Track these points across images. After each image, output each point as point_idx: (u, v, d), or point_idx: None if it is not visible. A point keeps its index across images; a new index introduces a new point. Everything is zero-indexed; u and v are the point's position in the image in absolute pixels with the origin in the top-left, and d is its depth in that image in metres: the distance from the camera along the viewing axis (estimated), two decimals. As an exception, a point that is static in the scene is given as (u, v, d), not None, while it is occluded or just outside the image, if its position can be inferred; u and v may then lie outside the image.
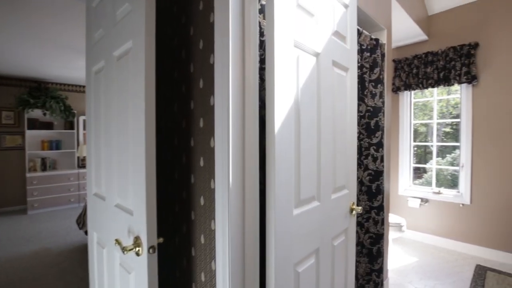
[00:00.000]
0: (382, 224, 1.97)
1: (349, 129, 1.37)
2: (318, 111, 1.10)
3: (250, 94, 0.86)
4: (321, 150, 1.11)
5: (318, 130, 1.10)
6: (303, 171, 1.00)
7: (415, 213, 3.31)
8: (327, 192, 1.16)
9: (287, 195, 0.91)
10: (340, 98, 1.28)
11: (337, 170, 1.25)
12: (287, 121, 0.90)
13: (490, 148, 2.80)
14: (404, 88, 3.33)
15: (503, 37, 2.70)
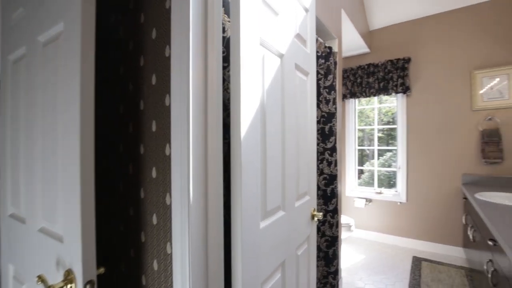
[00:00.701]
0: (337, 226, 2.03)
1: (309, 134, 1.35)
2: (283, 116, 1.05)
3: (214, 94, 0.76)
4: (285, 156, 1.06)
5: (283, 136, 1.05)
6: (270, 179, 0.93)
7: (361, 213, 3.55)
8: (292, 200, 1.11)
9: (254, 207, 0.83)
10: (302, 103, 1.25)
11: (300, 176, 1.22)
12: (253, 125, 0.82)
13: (422, 151, 3.16)
14: (350, 96, 3.57)
15: (429, 53, 3.09)
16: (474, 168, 2.87)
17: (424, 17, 3.12)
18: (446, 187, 3.01)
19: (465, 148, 2.91)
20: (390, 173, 3.81)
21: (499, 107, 2.76)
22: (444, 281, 2.36)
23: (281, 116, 1.03)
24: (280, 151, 1.03)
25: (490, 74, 2.79)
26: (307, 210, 1.29)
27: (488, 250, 1.68)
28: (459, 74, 2.94)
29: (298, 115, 1.20)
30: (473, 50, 2.87)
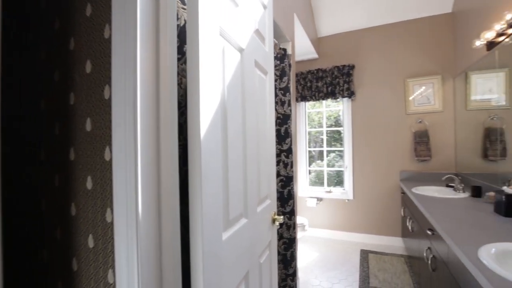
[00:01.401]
0: (294, 228, 2.02)
1: (269, 135, 1.30)
2: (243, 115, 0.97)
3: (167, 85, 0.64)
4: (247, 159, 0.98)
5: (244, 137, 0.97)
6: (232, 185, 0.84)
7: (313, 212, 3.68)
8: (254, 206, 1.04)
9: (216, 217, 0.72)
10: (261, 103, 1.19)
11: (261, 179, 1.15)
12: (214, 125, 0.73)
13: (365, 151, 3.42)
14: (301, 99, 3.68)
15: (370, 61, 3.38)
16: (409, 165, 3.21)
17: (366, 28, 3.39)
18: (387, 184, 3.31)
19: (401, 147, 3.24)
20: (333, 173, 4.04)
21: (427, 111, 3.14)
22: (388, 270, 2.56)
23: (242, 116, 0.95)
24: (242, 153, 0.94)
25: (419, 82, 3.17)
26: (268, 215, 1.23)
27: (427, 239, 1.85)
28: (395, 81, 3.27)
29: (258, 115, 1.13)
30: (406, 60, 3.22)
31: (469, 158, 2.73)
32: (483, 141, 2.48)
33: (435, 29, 3.10)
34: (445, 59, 3.06)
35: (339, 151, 3.89)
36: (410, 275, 2.45)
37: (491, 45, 2.11)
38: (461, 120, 2.92)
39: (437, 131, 3.09)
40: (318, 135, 4.15)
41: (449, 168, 3.03)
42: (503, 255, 1.09)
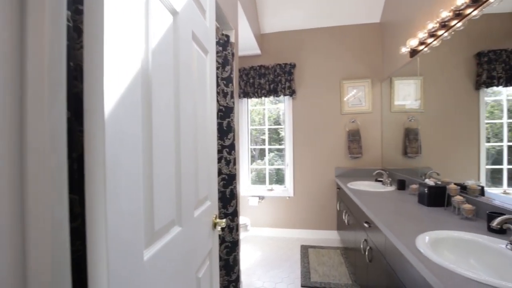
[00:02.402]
0: (237, 230, 1.88)
1: (210, 127, 1.12)
2: (177, 97, 0.77)
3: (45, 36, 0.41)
4: (181, 153, 0.78)
5: (178, 125, 0.77)
6: (159, 186, 0.64)
7: (255, 211, 3.61)
8: (190, 210, 0.85)
9: (133, 230, 0.52)
10: (201, 87, 1.01)
11: (200, 177, 0.97)
12: (129, 104, 0.52)
13: (305, 149, 3.50)
14: (243, 95, 3.57)
15: (310, 61, 3.47)
16: (343, 162, 3.41)
17: (307, 29, 3.48)
18: (324, 180, 3.45)
19: (337, 145, 3.42)
20: (273, 171, 4.08)
21: (359, 112, 3.38)
22: (327, 263, 2.64)
23: (174, 97, 0.75)
24: (174, 145, 0.74)
25: (353, 84, 3.39)
26: (208, 218, 1.05)
27: (363, 231, 1.93)
28: (332, 82, 3.43)
29: (197, 101, 0.94)
30: (342, 63, 3.41)
31: (393, 155, 3.03)
32: (404, 140, 2.77)
33: (366, 36, 3.37)
34: (374, 65, 3.35)
35: (279, 149, 3.92)
36: (346, 266, 2.57)
37: (414, 53, 2.35)
38: (386, 121, 3.23)
39: (368, 130, 3.36)
40: (259, 135, 4.13)
41: (377, 164, 3.33)
42: (435, 243, 1.14)
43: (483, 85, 1.73)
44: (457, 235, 1.18)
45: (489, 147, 1.71)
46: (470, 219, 1.43)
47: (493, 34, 1.62)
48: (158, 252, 0.62)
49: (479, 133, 1.78)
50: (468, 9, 1.63)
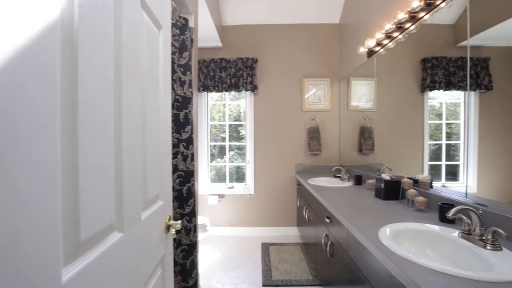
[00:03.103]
0: (195, 231, 1.73)
1: (163, 115, 0.97)
2: (118, 74, 0.62)
3: None
4: (122, 142, 0.63)
5: (118, 107, 0.62)
6: (87, 180, 0.49)
7: (214, 210, 3.46)
8: (135, 211, 0.70)
9: (42, 242, 0.37)
10: (152, 67, 0.85)
11: (150, 173, 0.82)
12: (42, 61, 0.37)
13: (266, 146, 3.46)
14: (203, 89, 3.39)
15: (272, 57, 3.44)
16: (303, 159, 3.44)
17: (270, 25, 3.43)
18: (285, 177, 3.45)
19: (298, 142, 3.45)
20: (232, 170, 3.99)
21: (318, 110, 3.45)
22: (287, 260, 2.63)
23: (115, 75, 0.60)
24: (113, 134, 0.59)
25: (313, 83, 3.45)
26: (160, 221, 0.91)
27: (324, 226, 1.93)
28: (293, 80, 3.44)
29: (145, 84, 0.79)
30: (303, 61, 3.44)
31: (349, 152, 3.15)
32: (359, 138, 2.89)
33: (326, 36, 3.45)
34: (333, 65, 3.45)
35: (240, 148, 3.83)
36: (306, 262, 2.58)
37: (371, 53, 2.44)
38: (344, 119, 3.35)
39: (326, 128, 3.44)
40: (218, 134, 3.99)
41: (335, 161, 3.43)
42: (396, 235, 1.15)
43: (427, 89, 1.86)
44: (415, 227, 1.21)
45: (431, 145, 1.86)
46: (423, 210, 1.50)
47: (435, 43, 1.75)
48: (87, 267, 0.47)
49: (423, 132, 1.90)
50: (421, 12, 1.72)
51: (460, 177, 1.64)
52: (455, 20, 1.57)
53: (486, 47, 1.36)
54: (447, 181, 1.69)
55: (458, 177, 1.64)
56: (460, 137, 1.63)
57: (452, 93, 1.70)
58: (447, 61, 1.68)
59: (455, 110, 1.72)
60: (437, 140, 1.85)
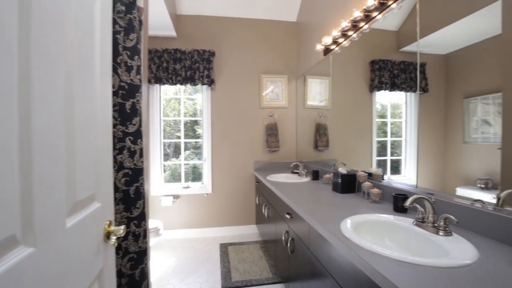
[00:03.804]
0: (145, 236, 1.54)
1: (101, 102, 0.80)
2: (25, 41, 0.45)
3: None
4: (32, 131, 0.47)
5: (25, 86, 0.45)
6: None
7: (169, 212, 3.23)
8: (55, 217, 0.53)
9: None
10: (84, 39, 0.68)
11: (80, 169, 0.65)
12: None
13: (224, 143, 3.34)
14: (154, 81, 3.12)
15: (230, 51, 3.32)
16: (262, 156, 3.41)
17: (228, 18, 3.31)
18: (243, 174, 3.37)
19: (256, 139, 3.40)
20: (188, 170, 3.80)
21: (276, 107, 3.44)
22: (247, 259, 2.55)
23: (17, 41, 0.44)
24: (17, 124, 0.43)
25: (271, 79, 3.43)
26: (96, 227, 0.74)
27: (285, 223, 1.90)
28: (251, 75, 3.38)
29: (72, 61, 0.62)
30: (261, 57, 3.40)
31: (306, 148, 3.20)
32: (315, 135, 2.95)
33: (284, 33, 3.46)
34: (291, 62, 3.48)
35: (196, 147, 3.64)
36: (266, 260, 2.54)
37: (327, 51, 2.50)
38: (300, 116, 3.40)
39: (284, 124, 3.46)
40: (173, 132, 3.76)
41: (292, 157, 3.47)
42: (357, 227, 1.15)
43: (375, 89, 1.96)
44: (374, 218, 1.22)
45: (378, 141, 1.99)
46: (378, 202, 1.56)
47: (382, 47, 1.87)
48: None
49: (372, 129, 2.01)
50: (375, 12, 1.78)
51: (402, 171, 1.76)
52: (398, 27, 1.69)
53: (423, 54, 1.47)
54: (392, 174, 1.80)
55: (400, 171, 1.76)
56: (402, 134, 1.75)
57: (396, 94, 1.82)
58: (392, 64, 1.78)
59: (398, 109, 1.83)
60: (383, 137, 1.97)
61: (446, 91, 1.33)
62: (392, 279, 0.70)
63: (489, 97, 1.14)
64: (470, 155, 1.21)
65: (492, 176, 1.11)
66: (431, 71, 1.43)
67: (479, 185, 1.14)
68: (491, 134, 1.12)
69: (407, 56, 1.62)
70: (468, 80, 1.21)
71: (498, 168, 1.07)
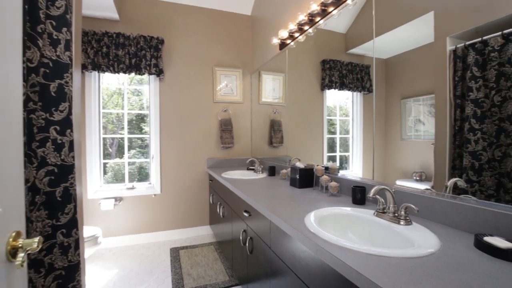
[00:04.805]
0: (77, 247, 1.28)
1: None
2: None
3: None
4: None
5: None
6: None
7: (110, 216, 2.85)
8: None
9: None
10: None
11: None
12: None
13: (175, 139, 3.09)
14: (92, 67, 2.72)
15: (181, 41, 3.09)
16: (215, 152, 3.25)
17: (178, 4, 3.06)
18: (195, 172, 3.17)
19: (209, 135, 3.23)
20: (134, 171, 3.45)
21: (231, 101, 3.32)
22: (201, 263, 2.38)
23: None
24: None
25: (225, 72, 3.29)
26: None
27: (242, 221, 1.80)
28: (204, 67, 3.19)
29: None
30: (215, 49, 3.24)
31: (261, 145, 3.16)
32: (269, 131, 2.93)
33: (239, 26, 3.35)
34: (245, 56, 3.39)
35: (142, 146, 3.30)
36: (222, 262, 2.41)
37: (283, 45, 2.47)
38: (255, 112, 3.34)
39: (239, 120, 3.36)
40: (117, 130, 3.37)
41: (247, 154, 3.39)
42: (320, 221, 1.11)
43: (326, 87, 2.01)
44: (338, 211, 1.20)
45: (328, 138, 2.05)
46: (336, 195, 1.56)
47: (332, 47, 1.93)
48: None
49: (323, 126, 2.05)
50: (331, 6, 1.79)
51: (349, 166, 1.83)
52: (346, 30, 1.76)
53: (367, 57, 1.57)
54: (340, 169, 1.87)
55: (348, 166, 1.83)
56: (349, 132, 1.82)
57: (345, 93, 1.88)
58: (341, 65, 1.84)
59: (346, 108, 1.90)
60: (333, 134, 2.04)
61: (386, 92, 1.42)
62: (368, 275, 0.65)
63: (419, 99, 1.25)
64: (406, 151, 1.31)
65: (425, 169, 1.21)
66: (375, 73, 1.50)
67: (414, 178, 1.25)
68: (423, 132, 1.23)
69: (354, 58, 1.71)
70: (405, 83, 1.32)
71: (430, 161, 1.18)
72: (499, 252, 0.74)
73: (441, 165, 1.12)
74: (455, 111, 1.07)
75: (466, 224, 0.94)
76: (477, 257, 0.74)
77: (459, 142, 1.06)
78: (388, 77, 1.41)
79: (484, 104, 0.98)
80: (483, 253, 0.77)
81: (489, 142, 0.97)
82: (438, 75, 1.12)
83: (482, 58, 0.98)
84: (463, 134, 1.04)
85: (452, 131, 1.08)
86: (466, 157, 1.03)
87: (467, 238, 0.88)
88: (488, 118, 0.97)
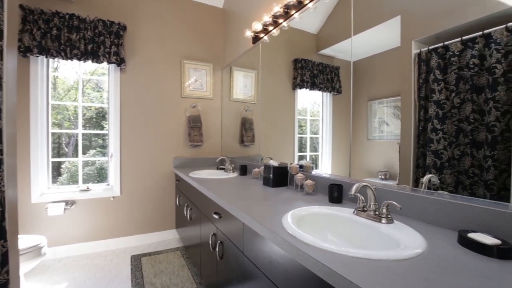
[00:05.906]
0: (5, 262, 1.04)
1: None
2: None
3: None
4: None
5: None
6: None
7: (59, 223, 2.51)
8: None
9: None
10: None
11: None
12: None
13: (136, 136, 2.83)
14: (39, 51, 2.37)
15: (146, 29, 2.84)
16: (183, 151, 3.05)
17: (141, -14, 2.82)
18: (160, 172, 2.94)
19: (176, 132, 3.02)
20: (93, 172, 3.13)
21: (200, 97, 3.15)
22: (165, 271, 2.18)
23: None
24: None
25: (195, 66, 3.11)
26: None
27: (212, 224, 1.66)
28: (171, 59, 2.98)
29: None
30: (184, 40, 3.04)
31: (232, 143, 3.03)
32: (241, 129, 2.82)
33: (209, 18, 3.19)
34: (216, 50, 3.24)
35: (102, 146, 2.98)
36: (189, 268, 2.23)
37: (256, 39, 2.38)
38: (226, 109, 3.21)
39: (209, 117, 3.20)
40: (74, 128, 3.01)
41: (217, 153, 3.24)
42: (298, 222, 1.02)
43: (298, 87, 1.97)
44: (316, 211, 1.13)
45: (299, 137, 2.01)
46: (312, 194, 1.50)
47: (304, 46, 1.90)
48: None
49: (294, 126, 2.01)
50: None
51: (319, 165, 1.80)
52: (317, 31, 1.75)
53: (337, 58, 1.58)
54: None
55: (318, 165, 1.80)
56: (319, 132, 1.80)
57: (315, 93, 1.85)
58: (312, 64, 1.81)
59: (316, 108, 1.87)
60: (304, 133, 2.00)
61: (354, 94, 1.42)
62: (360, 284, 0.56)
63: (383, 101, 1.28)
64: (372, 151, 1.33)
65: (389, 168, 1.23)
66: (344, 75, 1.51)
67: (380, 176, 1.27)
68: (387, 132, 1.26)
69: (324, 58, 1.71)
70: (371, 85, 1.34)
71: (394, 160, 1.21)
72: (485, 248, 0.71)
73: (406, 164, 1.14)
74: (419, 112, 1.10)
75: (447, 220, 0.91)
76: (464, 255, 0.71)
77: (422, 141, 1.09)
78: (355, 79, 1.43)
79: (445, 105, 1.01)
80: (469, 250, 0.74)
81: (449, 142, 1.00)
82: (404, 78, 1.14)
83: (444, 62, 1.01)
84: (426, 134, 1.07)
85: (416, 131, 1.11)
86: (429, 156, 1.06)
87: (450, 235, 0.85)
88: (449, 119, 1.00)
